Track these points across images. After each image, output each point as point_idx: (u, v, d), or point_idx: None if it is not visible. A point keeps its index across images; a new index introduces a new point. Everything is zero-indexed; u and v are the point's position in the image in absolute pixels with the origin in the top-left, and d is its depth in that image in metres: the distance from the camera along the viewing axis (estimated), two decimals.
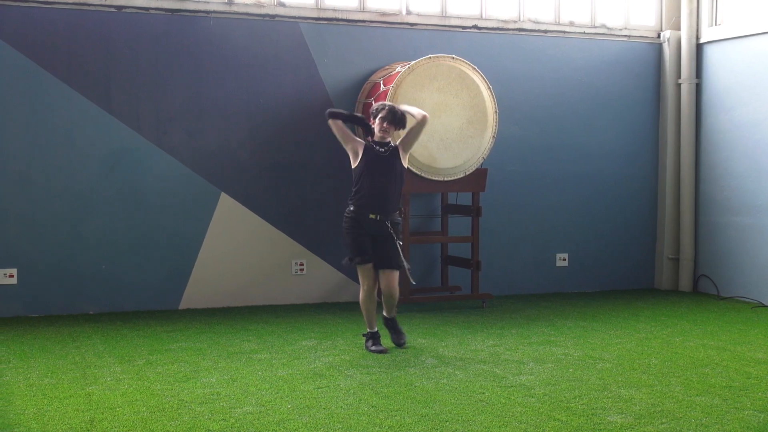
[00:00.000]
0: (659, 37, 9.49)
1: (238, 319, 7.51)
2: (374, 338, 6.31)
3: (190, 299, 8.01)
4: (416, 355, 6.15)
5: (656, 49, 9.49)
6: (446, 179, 7.85)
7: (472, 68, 7.89)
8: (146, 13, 7.78)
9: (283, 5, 8.20)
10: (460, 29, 8.73)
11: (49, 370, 5.64)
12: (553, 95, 9.09)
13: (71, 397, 5.00)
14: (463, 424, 4.55)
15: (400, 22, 8.53)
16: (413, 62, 7.72)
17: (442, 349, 6.37)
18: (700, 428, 4.50)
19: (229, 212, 8.08)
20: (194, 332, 6.92)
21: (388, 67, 8.26)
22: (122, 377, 5.46)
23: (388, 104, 6.26)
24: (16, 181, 7.53)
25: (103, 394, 5.06)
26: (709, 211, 9.24)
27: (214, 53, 7.99)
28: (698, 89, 9.33)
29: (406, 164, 6.31)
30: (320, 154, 8.24)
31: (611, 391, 5.20)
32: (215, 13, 7.97)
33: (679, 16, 9.41)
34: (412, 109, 6.36)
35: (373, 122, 6.24)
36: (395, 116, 6.17)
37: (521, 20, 8.96)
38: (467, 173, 7.93)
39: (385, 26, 8.49)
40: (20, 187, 7.53)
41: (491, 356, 6.12)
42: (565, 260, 9.26)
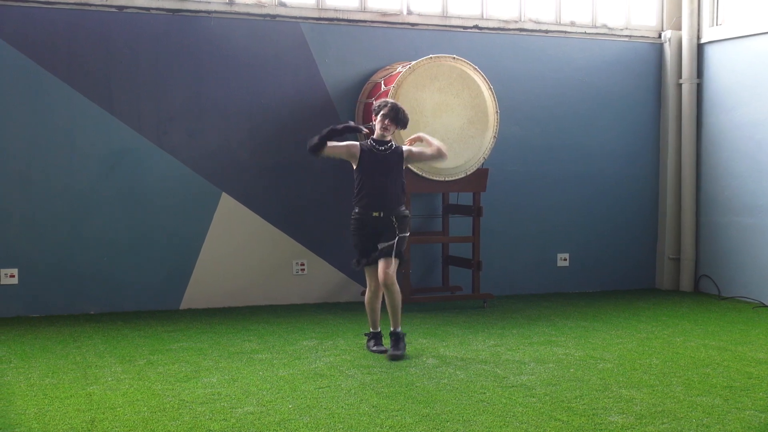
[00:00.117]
0: (660, 37, 9.49)
1: (239, 319, 7.51)
2: (376, 338, 6.30)
3: (190, 299, 8.01)
4: (417, 355, 6.15)
5: (657, 49, 9.49)
6: (447, 179, 7.85)
7: (473, 68, 7.88)
8: (147, 13, 7.78)
9: (284, 5, 8.20)
10: (461, 29, 8.73)
11: (50, 370, 5.64)
12: (554, 95, 9.09)
13: (72, 397, 5.00)
14: (464, 424, 4.54)
15: (401, 22, 8.53)
16: (414, 62, 7.72)
17: (443, 349, 6.37)
18: (701, 428, 4.49)
19: (229, 212, 8.08)
20: (195, 332, 6.92)
21: (389, 67, 8.26)
22: (123, 377, 5.46)
23: (390, 101, 6.23)
24: (16, 181, 7.53)
25: (104, 394, 5.06)
26: (710, 211, 9.24)
27: (214, 53, 7.99)
28: (699, 89, 9.32)
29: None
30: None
31: (612, 391, 5.19)
32: (216, 13, 7.97)
33: (680, 16, 9.41)
34: (434, 140, 6.27)
35: (374, 119, 6.22)
36: (397, 114, 6.15)
37: (522, 20, 8.96)
38: (468, 173, 7.92)
39: (386, 26, 8.49)
40: (21, 187, 7.54)
41: (492, 356, 6.12)
42: (566, 260, 9.26)
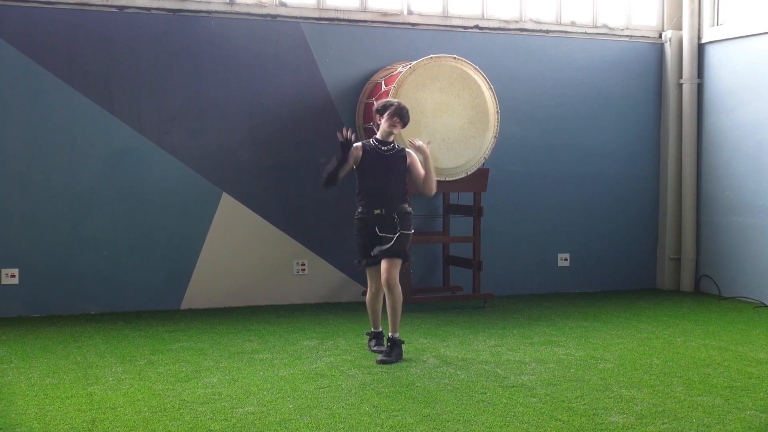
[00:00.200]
0: (661, 37, 9.49)
1: (239, 319, 7.51)
2: (377, 338, 6.30)
3: (191, 299, 8.01)
4: (418, 355, 6.15)
5: (658, 49, 9.49)
6: (448, 179, 7.85)
7: (473, 68, 7.88)
8: (147, 13, 7.78)
9: (284, 5, 8.20)
10: (461, 29, 8.73)
11: (50, 370, 5.64)
12: (554, 95, 9.09)
13: (73, 397, 5.00)
14: (464, 424, 4.54)
15: (401, 22, 8.53)
16: (415, 62, 7.72)
17: (443, 349, 6.36)
18: (701, 428, 4.49)
19: (230, 212, 8.08)
20: (196, 332, 6.92)
21: (389, 67, 8.26)
22: (124, 377, 5.46)
23: (395, 100, 6.25)
24: (17, 181, 7.53)
25: (104, 394, 5.06)
26: (710, 211, 9.24)
27: (215, 53, 7.99)
28: (700, 89, 9.32)
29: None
30: (321, 153, 8.22)
31: (613, 391, 5.19)
32: (216, 13, 7.97)
33: (680, 16, 9.40)
34: (433, 172, 6.19)
35: (379, 119, 6.22)
36: (402, 111, 6.17)
37: (523, 20, 8.96)
38: (469, 173, 7.92)
39: (386, 26, 8.49)
40: (21, 187, 7.54)
41: (493, 356, 6.12)
42: (566, 260, 9.26)
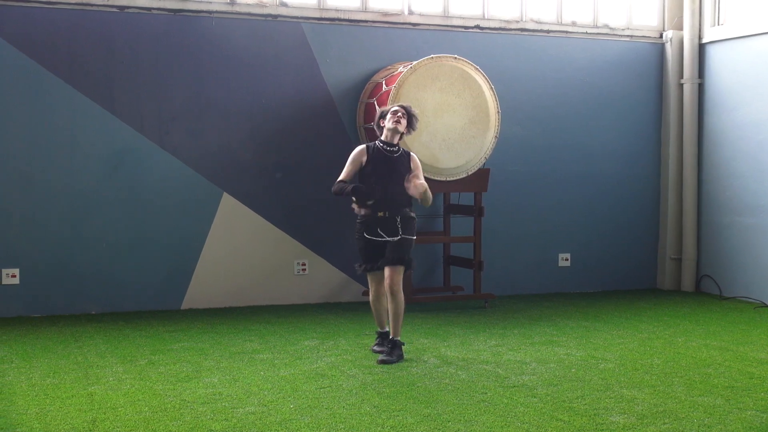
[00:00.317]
0: (662, 37, 9.49)
1: (240, 319, 7.51)
2: (381, 338, 6.24)
3: (192, 299, 8.01)
4: (418, 355, 6.15)
5: (659, 49, 9.49)
6: (448, 179, 7.85)
7: (474, 68, 7.88)
8: (148, 13, 7.78)
9: (285, 5, 8.20)
10: (462, 29, 8.73)
11: (51, 370, 5.64)
12: (555, 95, 9.08)
13: (73, 397, 5.00)
14: (465, 424, 4.54)
15: (402, 22, 8.53)
16: (415, 62, 7.72)
17: (444, 349, 6.36)
18: (702, 428, 4.49)
19: (231, 212, 8.08)
20: (196, 332, 6.92)
21: (390, 67, 8.26)
22: (124, 377, 5.46)
23: (398, 104, 6.26)
24: (18, 181, 7.53)
25: (105, 394, 5.06)
26: (711, 211, 9.23)
27: (216, 53, 7.99)
28: (701, 89, 9.32)
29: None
30: (322, 153, 8.24)
31: (614, 391, 5.19)
32: (217, 13, 7.97)
33: (681, 16, 9.40)
34: (429, 193, 6.03)
35: (382, 122, 6.20)
36: (408, 109, 6.16)
37: (523, 20, 8.96)
38: (469, 173, 7.92)
39: (387, 26, 8.49)
40: (22, 187, 7.54)
41: (493, 356, 6.12)
42: (567, 260, 9.25)
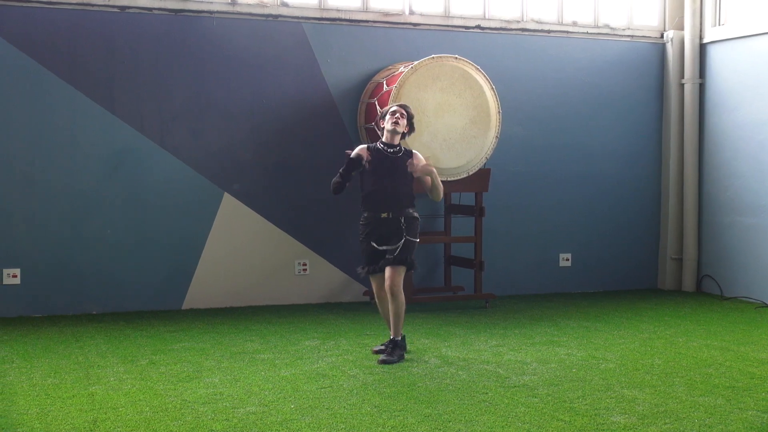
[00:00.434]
0: (662, 37, 9.48)
1: (241, 319, 7.51)
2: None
3: (192, 299, 8.01)
4: (419, 355, 6.15)
5: (659, 49, 9.48)
6: (449, 179, 7.84)
7: (475, 68, 7.88)
8: (149, 13, 7.79)
9: (286, 5, 8.20)
10: (463, 29, 8.73)
11: (52, 370, 5.64)
12: (556, 95, 9.08)
13: (74, 397, 5.00)
14: (466, 424, 4.54)
15: (403, 22, 8.52)
16: (416, 62, 7.71)
17: (445, 349, 6.36)
18: (703, 428, 4.49)
19: (232, 212, 8.08)
20: (197, 332, 6.92)
21: (391, 67, 8.26)
22: (125, 377, 5.46)
23: (396, 104, 6.26)
24: (19, 181, 7.54)
25: (106, 394, 5.07)
26: (712, 211, 9.23)
27: (216, 53, 7.99)
28: (701, 89, 9.31)
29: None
30: (323, 153, 8.23)
31: (614, 391, 5.19)
32: (218, 13, 7.97)
33: (682, 16, 9.40)
34: (441, 186, 6.29)
35: (382, 123, 6.21)
36: (406, 109, 6.17)
37: (524, 20, 8.96)
38: (470, 173, 7.92)
39: (388, 26, 8.49)
40: (23, 187, 7.54)
41: (494, 356, 6.12)
42: (568, 260, 9.25)
